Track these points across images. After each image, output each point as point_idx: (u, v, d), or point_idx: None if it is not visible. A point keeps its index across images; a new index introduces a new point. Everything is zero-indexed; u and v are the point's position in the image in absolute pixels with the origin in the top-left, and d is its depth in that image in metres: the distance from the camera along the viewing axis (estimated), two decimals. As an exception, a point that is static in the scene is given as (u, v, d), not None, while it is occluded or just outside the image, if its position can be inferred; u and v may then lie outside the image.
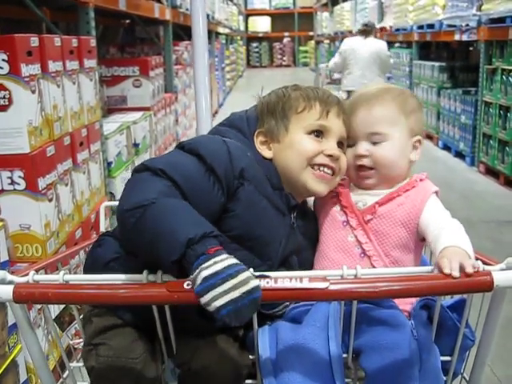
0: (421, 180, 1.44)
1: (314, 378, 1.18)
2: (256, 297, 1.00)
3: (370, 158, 1.42)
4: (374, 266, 1.37)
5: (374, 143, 1.42)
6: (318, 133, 1.37)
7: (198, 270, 1.01)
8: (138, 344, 1.24)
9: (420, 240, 1.42)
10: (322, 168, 1.37)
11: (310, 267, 1.44)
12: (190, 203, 1.15)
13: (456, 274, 1.06)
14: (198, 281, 1.00)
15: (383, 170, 1.42)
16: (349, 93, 6.26)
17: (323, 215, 1.48)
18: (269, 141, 1.40)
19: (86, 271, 1.35)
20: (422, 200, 1.40)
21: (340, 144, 1.41)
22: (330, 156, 1.36)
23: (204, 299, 0.99)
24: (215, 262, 1.01)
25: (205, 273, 1.00)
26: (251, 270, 1.03)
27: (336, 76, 7.10)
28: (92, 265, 1.33)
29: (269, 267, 1.30)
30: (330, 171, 1.38)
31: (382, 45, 6.67)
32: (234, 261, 1.03)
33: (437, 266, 1.13)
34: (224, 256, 1.03)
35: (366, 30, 6.62)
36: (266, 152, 1.40)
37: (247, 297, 0.99)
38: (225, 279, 0.99)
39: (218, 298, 0.98)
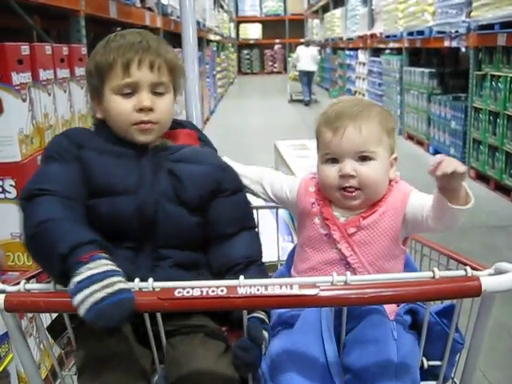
0: (396, 182, 1.45)
1: (313, 381, 1.19)
2: (122, 298, 1.04)
3: (356, 178, 1.38)
4: None
5: (362, 162, 1.39)
6: (128, 91, 1.36)
7: (72, 277, 1.06)
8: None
9: (402, 244, 1.44)
10: (141, 125, 1.36)
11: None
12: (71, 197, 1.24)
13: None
14: (71, 286, 1.05)
15: (369, 189, 1.39)
16: (300, 71, 13.33)
17: (306, 226, 1.47)
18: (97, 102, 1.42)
19: None
20: (402, 202, 1.41)
21: (155, 88, 1.37)
22: (141, 110, 1.35)
23: (75, 301, 1.04)
24: (89, 269, 1.06)
25: (76, 278, 1.05)
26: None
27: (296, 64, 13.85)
28: None
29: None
30: (148, 124, 1.36)
31: (315, 50, 13.66)
32: (106, 268, 1.07)
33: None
34: (98, 262, 1.07)
35: (306, 44, 13.93)
36: (98, 113, 1.43)
37: (111, 297, 1.03)
38: (93, 282, 1.04)
39: (85, 300, 1.03)
